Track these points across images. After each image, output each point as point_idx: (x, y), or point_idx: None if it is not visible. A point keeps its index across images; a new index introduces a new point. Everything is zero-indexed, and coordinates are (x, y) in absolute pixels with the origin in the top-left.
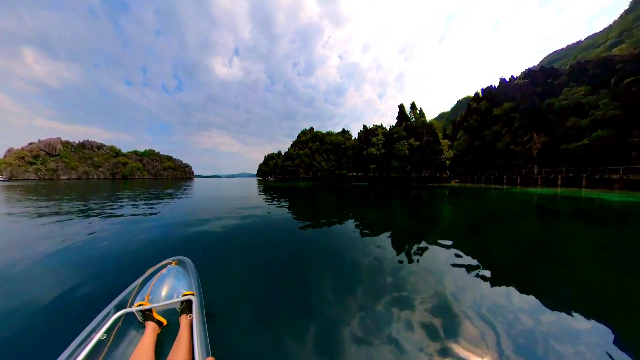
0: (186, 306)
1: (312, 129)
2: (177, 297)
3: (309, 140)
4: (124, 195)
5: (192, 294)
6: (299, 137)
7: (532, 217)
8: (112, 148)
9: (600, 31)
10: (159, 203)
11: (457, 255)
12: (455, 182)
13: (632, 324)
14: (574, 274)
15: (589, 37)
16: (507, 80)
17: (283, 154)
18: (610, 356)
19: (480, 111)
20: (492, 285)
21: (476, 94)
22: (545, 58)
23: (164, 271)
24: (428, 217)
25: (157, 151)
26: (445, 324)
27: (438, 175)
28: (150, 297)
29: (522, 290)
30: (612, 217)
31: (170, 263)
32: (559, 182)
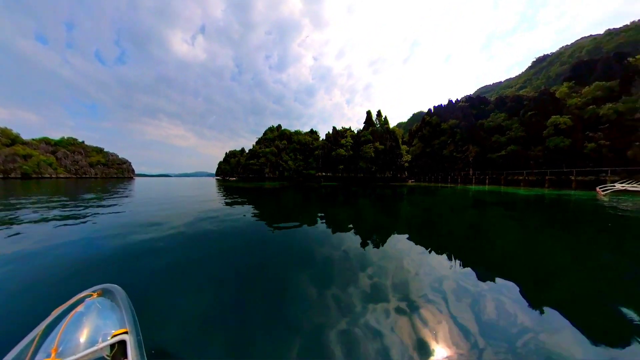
0: (118, 350)
1: (279, 126)
2: (104, 340)
3: (276, 138)
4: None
5: (126, 332)
6: (265, 134)
7: (469, 206)
8: (3, 131)
9: (514, 77)
10: (76, 213)
11: (415, 241)
12: (411, 182)
13: (531, 272)
14: (496, 243)
15: (507, 80)
16: (453, 101)
17: (247, 151)
18: (522, 295)
19: (432, 124)
20: (440, 261)
21: (429, 109)
22: (478, 89)
23: (80, 308)
24: (394, 212)
25: (80, 140)
26: (412, 304)
27: (399, 175)
28: (59, 350)
29: (462, 261)
30: (519, 203)
31: (90, 295)
32: (487, 181)
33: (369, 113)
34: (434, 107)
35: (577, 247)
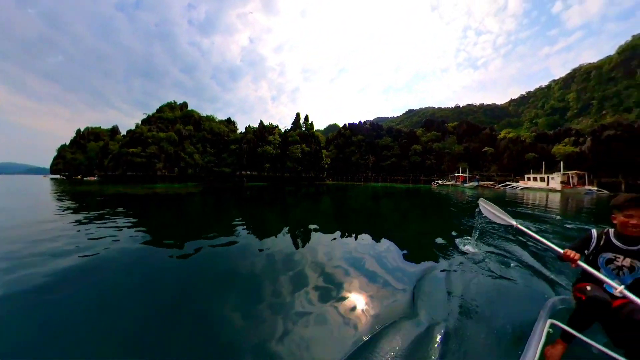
0: None
1: (185, 105)
2: None
3: (178, 120)
4: None
5: None
6: (161, 111)
7: (370, 198)
8: None
9: (397, 116)
10: None
11: (331, 230)
12: (329, 181)
13: (406, 236)
14: (387, 222)
15: (392, 117)
16: (362, 122)
17: (125, 133)
18: (404, 258)
19: (346, 136)
20: (350, 240)
21: (345, 124)
22: (376, 118)
23: None
24: (325, 206)
25: None
26: (340, 284)
27: (321, 175)
28: None
29: (366, 237)
30: (399, 194)
31: None
32: (380, 180)
33: (297, 115)
34: (348, 123)
35: (421, 207)
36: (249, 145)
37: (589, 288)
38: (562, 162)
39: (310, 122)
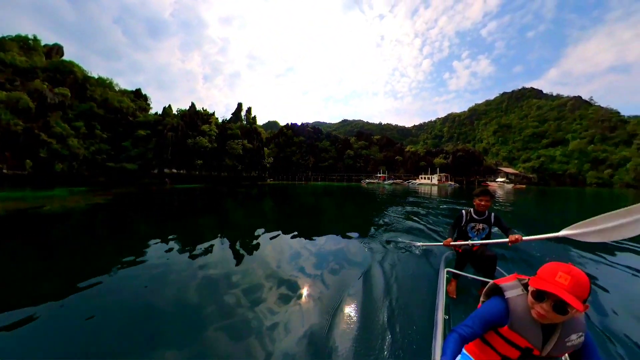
0: None
1: (59, 49)
2: None
3: (38, 70)
4: None
5: None
6: (12, 57)
7: (321, 195)
8: None
9: (335, 122)
10: None
11: (275, 229)
12: (270, 180)
13: (356, 222)
14: (328, 216)
15: (330, 122)
16: (305, 124)
17: None
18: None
19: (287, 136)
20: (299, 238)
21: (287, 124)
22: (315, 122)
23: None
24: (278, 207)
25: None
26: (289, 284)
27: (263, 175)
28: None
29: (309, 233)
30: (340, 191)
31: None
32: (319, 179)
33: (239, 106)
34: (290, 123)
35: (355, 202)
36: (175, 134)
37: (461, 243)
38: (438, 168)
39: (253, 115)
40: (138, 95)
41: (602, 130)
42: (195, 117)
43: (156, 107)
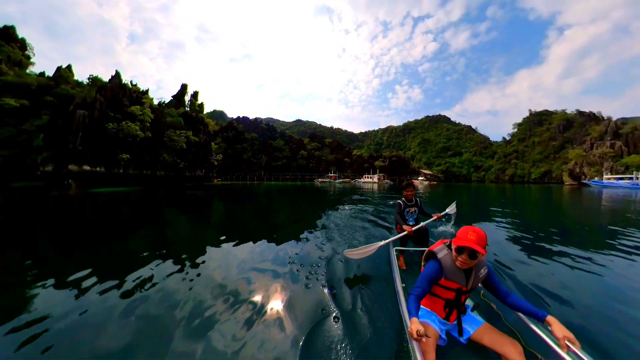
0: None
1: None
2: None
3: None
4: None
5: None
6: None
7: (266, 196)
8: None
9: (288, 121)
10: None
11: (230, 239)
12: (218, 181)
13: (305, 226)
14: (285, 216)
15: (283, 121)
16: (258, 120)
17: None
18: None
19: (238, 130)
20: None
21: (238, 117)
22: (268, 118)
23: None
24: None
25: None
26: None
27: (210, 174)
28: None
29: (267, 237)
30: (296, 189)
31: None
32: (272, 179)
33: (184, 88)
34: (242, 117)
35: (310, 200)
36: (90, 114)
37: (403, 227)
38: (378, 169)
39: (200, 102)
40: (5, 36)
41: (480, 148)
42: (120, 93)
43: (43, 65)
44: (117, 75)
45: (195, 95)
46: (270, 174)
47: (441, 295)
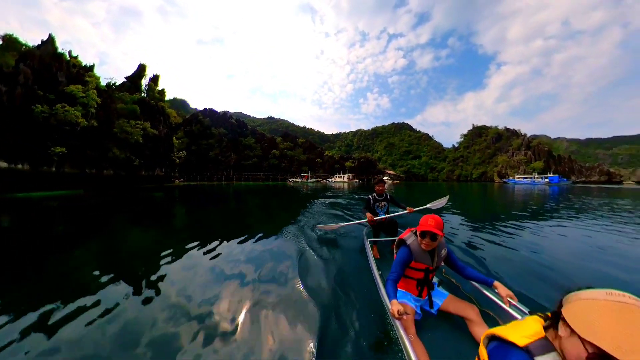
0: None
1: None
2: None
3: None
4: None
5: None
6: None
7: (234, 197)
8: None
9: (260, 118)
10: None
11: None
12: (179, 181)
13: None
14: (252, 216)
15: (254, 116)
16: (227, 114)
17: None
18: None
19: (204, 124)
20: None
21: (204, 109)
22: (236, 112)
23: None
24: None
25: None
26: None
27: (172, 174)
28: None
29: (239, 238)
30: (262, 189)
31: None
32: (242, 179)
33: (142, 68)
34: (209, 109)
35: (283, 199)
36: (9, 90)
37: (374, 218)
38: (348, 169)
39: (160, 88)
40: None
41: (435, 153)
42: (54, 66)
43: None
44: (50, 41)
45: (155, 79)
46: (240, 174)
47: (413, 276)
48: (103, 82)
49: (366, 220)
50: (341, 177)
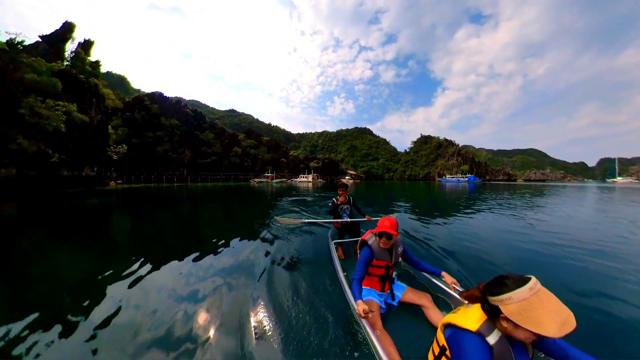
0: None
1: None
2: None
3: None
4: None
5: None
6: None
7: (188, 201)
8: None
9: (221, 109)
10: None
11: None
12: (117, 184)
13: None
14: (211, 223)
15: (212, 107)
16: (182, 100)
17: None
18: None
19: (151, 112)
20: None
21: (153, 93)
22: (191, 100)
23: None
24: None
25: None
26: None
27: (106, 174)
28: None
29: (197, 249)
30: (226, 190)
31: None
32: (199, 179)
33: (67, 28)
34: (158, 93)
35: (246, 203)
36: None
37: (340, 221)
38: (312, 170)
39: (94, 59)
40: None
41: (390, 156)
42: None
43: None
44: None
45: (86, 46)
46: (196, 174)
47: (375, 273)
48: (2, 38)
49: (331, 221)
50: (306, 177)
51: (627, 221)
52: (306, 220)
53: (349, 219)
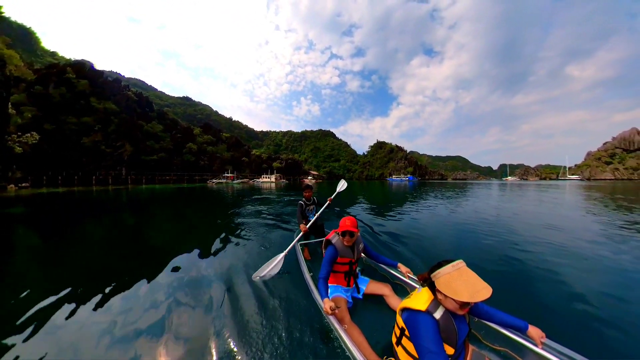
0: None
1: None
2: None
3: None
4: None
5: None
6: None
7: (129, 209)
8: None
9: (172, 96)
10: None
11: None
12: (20, 188)
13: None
14: (161, 234)
15: (161, 92)
16: (121, 79)
17: None
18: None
19: (76, 88)
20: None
21: (78, 61)
22: (135, 79)
23: None
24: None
25: None
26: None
27: (8, 174)
28: None
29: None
30: (175, 193)
31: None
32: (144, 180)
33: None
34: (89, 64)
35: (203, 207)
36: None
37: (307, 226)
38: (275, 170)
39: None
40: None
41: (351, 157)
42: None
43: None
44: None
45: None
46: (139, 174)
47: (340, 270)
48: None
49: (300, 234)
50: (269, 178)
51: (517, 205)
52: (285, 253)
53: (314, 218)
